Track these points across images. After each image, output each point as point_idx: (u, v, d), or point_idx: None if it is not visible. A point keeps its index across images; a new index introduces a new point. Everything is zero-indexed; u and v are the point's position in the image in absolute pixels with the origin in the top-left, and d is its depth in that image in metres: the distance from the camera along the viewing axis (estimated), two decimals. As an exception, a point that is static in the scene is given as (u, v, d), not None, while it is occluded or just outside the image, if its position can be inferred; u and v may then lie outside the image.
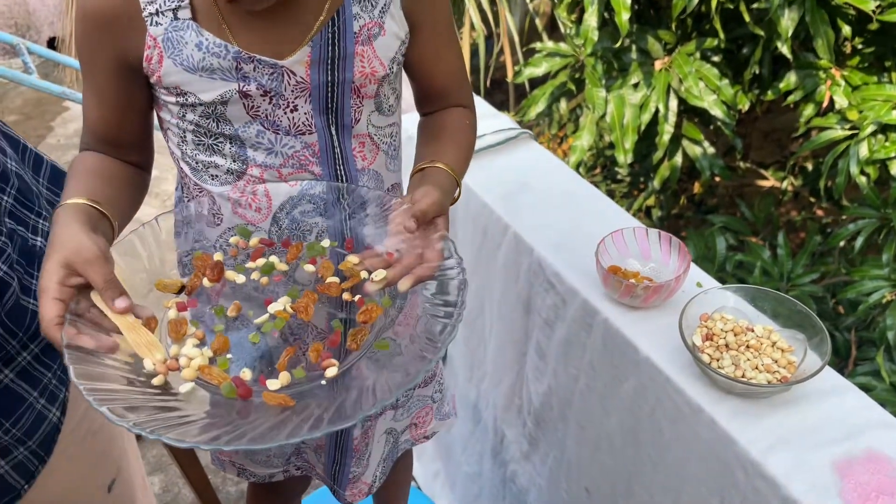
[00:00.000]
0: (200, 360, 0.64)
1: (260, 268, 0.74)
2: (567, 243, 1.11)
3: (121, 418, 0.54)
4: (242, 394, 0.62)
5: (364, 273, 0.72)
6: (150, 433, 0.54)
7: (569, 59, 2.35)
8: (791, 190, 2.74)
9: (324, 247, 0.76)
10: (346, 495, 1.05)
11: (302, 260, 0.75)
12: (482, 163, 1.27)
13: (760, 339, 0.89)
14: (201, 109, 0.76)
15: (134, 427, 0.54)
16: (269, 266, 0.74)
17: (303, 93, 0.77)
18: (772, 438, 0.83)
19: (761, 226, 2.53)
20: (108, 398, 0.57)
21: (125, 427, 0.54)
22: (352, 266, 0.73)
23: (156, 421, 0.56)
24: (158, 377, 0.62)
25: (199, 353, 0.65)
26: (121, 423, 0.54)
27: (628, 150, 2.23)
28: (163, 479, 1.82)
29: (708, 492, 0.89)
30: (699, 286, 1.01)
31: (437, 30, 0.85)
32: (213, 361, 0.65)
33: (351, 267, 0.73)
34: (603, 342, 1.02)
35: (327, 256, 0.76)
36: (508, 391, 1.31)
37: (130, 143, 0.83)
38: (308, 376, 0.65)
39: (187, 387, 0.63)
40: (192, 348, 0.66)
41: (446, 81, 0.90)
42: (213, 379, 0.63)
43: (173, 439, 0.53)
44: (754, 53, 2.13)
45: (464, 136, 0.90)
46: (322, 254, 0.75)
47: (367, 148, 0.85)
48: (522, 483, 1.33)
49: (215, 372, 0.63)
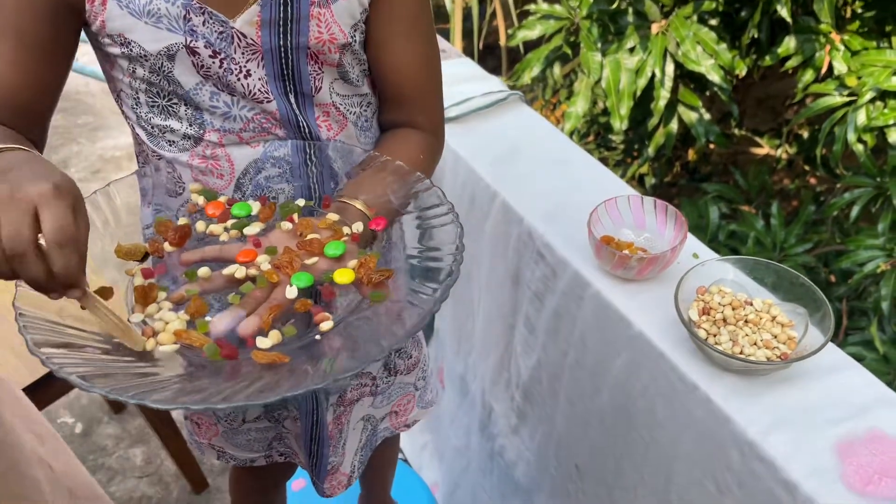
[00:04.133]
0: (178, 324, 0.60)
1: (229, 226, 0.69)
2: (558, 212, 1.07)
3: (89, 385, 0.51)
4: (228, 354, 0.58)
5: (346, 229, 0.67)
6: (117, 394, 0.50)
7: (564, 22, 2.27)
8: (785, 158, 2.70)
9: (298, 206, 0.71)
10: (324, 488, 1.01)
11: (276, 221, 0.70)
12: (470, 126, 1.21)
13: (760, 314, 0.85)
14: (149, 64, 0.70)
15: (109, 394, 0.51)
16: (240, 224, 0.69)
17: (254, 55, 0.71)
18: (770, 418, 0.79)
19: (755, 194, 2.50)
20: (69, 364, 0.53)
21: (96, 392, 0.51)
22: (332, 223, 0.68)
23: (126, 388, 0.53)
24: (150, 341, 0.59)
25: (176, 317, 0.61)
26: (92, 390, 0.51)
27: (624, 117, 2.17)
28: (145, 450, 1.79)
29: (702, 473, 0.86)
30: (696, 257, 0.97)
31: (394, 12, 0.75)
32: (191, 325, 0.61)
33: (332, 223, 0.68)
34: (594, 316, 0.98)
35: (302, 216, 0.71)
36: (497, 365, 1.27)
37: (38, 111, 0.72)
38: (298, 334, 0.61)
39: (169, 349, 0.59)
40: (167, 312, 0.62)
41: (400, 80, 0.78)
42: (194, 342, 0.59)
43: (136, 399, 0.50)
44: (753, 17, 2.07)
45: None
46: (297, 212, 0.70)
47: (332, 118, 0.78)
48: (510, 457, 1.30)
49: (194, 335, 0.59)
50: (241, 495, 1.23)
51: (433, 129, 0.82)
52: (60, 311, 0.59)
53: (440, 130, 0.83)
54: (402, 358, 1.01)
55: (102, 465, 1.76)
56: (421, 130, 0.81)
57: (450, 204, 0.66)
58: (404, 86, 0.79)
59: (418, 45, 0.78)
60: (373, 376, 0.98)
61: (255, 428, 0.98)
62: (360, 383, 0.97)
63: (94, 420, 1.86)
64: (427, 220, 0.67)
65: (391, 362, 1.00)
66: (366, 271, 0.62)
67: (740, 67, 2.16)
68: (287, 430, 0.99)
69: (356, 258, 0.63)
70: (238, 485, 1.22)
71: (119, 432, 1.82)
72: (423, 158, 0.79)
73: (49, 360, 0.52)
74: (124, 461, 1.77)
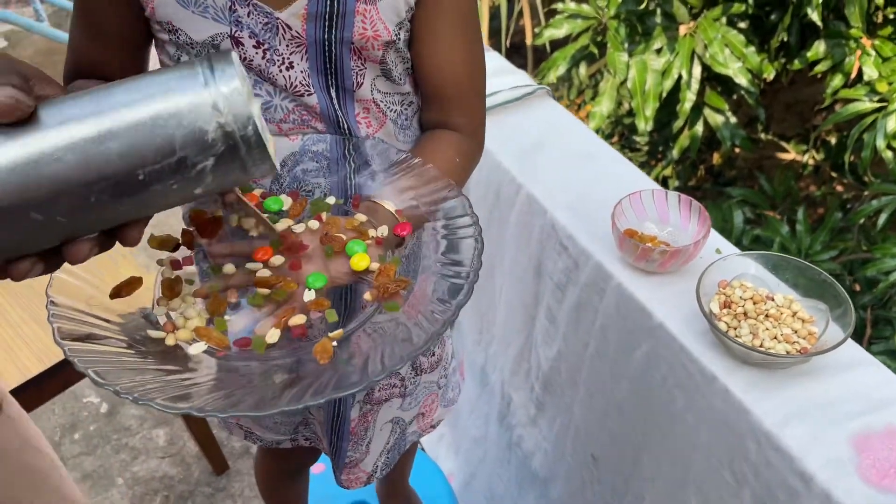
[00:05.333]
0: (198, 321, 0.60)
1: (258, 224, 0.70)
2: (582, 205, 1.08)
3: (108, 382, 0.50)
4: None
5: (372, 231, 0.67)
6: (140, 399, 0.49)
7: (591, 22, 2.28)
8: (812, 164, 2.68)
9: (329, 203, 0.71)
10: (342, 479, 1.02)
11: (305, 217, 0.71)
12: (497, 120, 1.23)
13: (780, 309, 0.85)
14: (195, 53, 0.72)
15: (122, 392, 0.49)
16: (271, 219, 0.69)
17: (298, 48, 0.72)
18: (788, 410, 0.80)
19: (780, 200, 2.48)
20: (90, 359, 0.52)
21: (111, 390, 0.49)
22: (359, 224, 0.69)
23: (144, 385, 0.52)
24: (169, 336, 0.59)
25: (196, 314, 0.61)
26: (108, 387, 0.50)
27: (649, 118, 2.17)
28: (167, 431, 1.83)
29: (719, 463, 0.87)
30: (718, 252, 0.98)
31: (442, 11, 0.74)
32: (210, 323, 0.61)
33: (358, 225, 0.68)
34: (616, 307, 0.99)
35: (331, 213, 0.71)
36: (517, 355, 1.28)
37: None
38: (312, 333, 0.62)
39: (198, 347, 0.58)
40: (189, 308, 0.62)
41: (442, 80, 0.78)
42: (212, 340, 0.59)
43: (162, 406, 0.49)
44: (783, 20, 2.06)
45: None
46: (326, 210, 0.71)
47: (371, 115, 0.78)
48: (528, 447, 1.32)
49: (213, 334, 0.59)
50: (266, 477, 1.25)
51: (473, 132, 0.81)
52: (89, 300, 0.59)
53: (480, 133, 0.83)
54: (426, 356, 1.00)
55: (126, 445, 1.80)
56: (460, 132, 0.80)
57: (475, 216, 0.64)
58: (446, 86, 0.78)
59: (464, 45, 0.77)
60: (401, 377, 0.97)
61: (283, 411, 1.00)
62: (389, 384, 0.96)
63: (118, 400, 1.90)
64: (452, 231, 0.65)
65: (416, 361, 0.99)
66: (383, 279, 0.61)
67: (768, 71, 2.15)
68: (313, 417, 1.01)
69: (377, 262, 0.63)
70: (263, 466, 1.24)
71: (143, 413, 1.86)
72: (460, 162, 0.78)
73: (71, 353, 0.52)
74: (147, 441, 1.81)
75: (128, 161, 0.41)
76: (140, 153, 0.41)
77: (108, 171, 0.41)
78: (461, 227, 0.65)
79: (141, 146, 0.41)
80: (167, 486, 1.71)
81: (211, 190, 0.45)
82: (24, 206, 0.40)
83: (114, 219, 0.44)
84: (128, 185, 0.42)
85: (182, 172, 0.43)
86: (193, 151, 0.42)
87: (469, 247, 0.62)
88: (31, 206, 0.40)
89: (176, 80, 0.42)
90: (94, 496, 1.69)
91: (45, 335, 1.32)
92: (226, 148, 0.43)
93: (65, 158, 0.40)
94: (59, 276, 0.59)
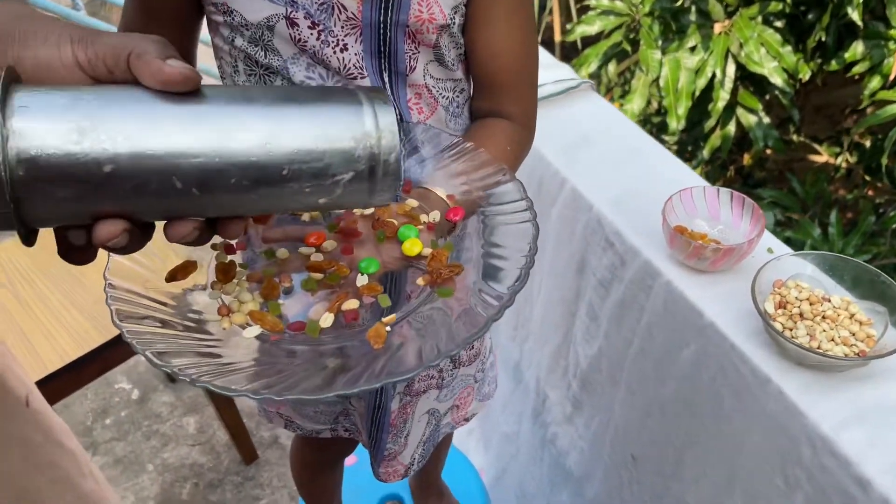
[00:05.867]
0: (252, 305, 0.60)
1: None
2: (629, 201, 1.07)
3: (166, 364, 0.50)
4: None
5: (424, 216, 0.67)
6: (195, 380, 0.49)
7: (624, 19, 2.26)
8: (845, 167, 2.64)
9: None
10: (380, 472, 1.02)
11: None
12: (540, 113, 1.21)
13: (837, 311, 0.84)
14: (249, 34, 0.72)
15: (179, 373, 0.49)
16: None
17: (353, 30, 0.71)
18: (845, 414, 0.78)
19: (811, 202, 2.45)
20: (148, 341, 0.53)
21: (169, 371, 0.49)
22: (411, 209, 0.68)
23: (199, 366, 0.53)
24: (224, 320, 0.59)
25: (251, 298, 0.61)
26: (165, 368, 0.50)
27: (681, 117, 2.15)
28: (198, 419, 1.83)
29: (770, 468, 0.86)
30: (770, 252, 0.96)
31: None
32: (263, 307, 0.61)
33: (410, 210, 0.68)
34: (664, 305, 0.98)
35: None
36: (554, 352, 1.27)
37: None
38: (365, 319, 0.61)
39: (253, 331, 0.58)
40: (244, 292, 0.62)
41: (495, 67, 0.77)
42: (266, 325, 0.59)
43: (221, 388, 0.49)
44: (821, 20, 2.04)
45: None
46: None
47: (423, 100, 0.77)
48: (563, 445, 1.31)
49: (268, 318, 0.59)
50: (302, 466, 1.25)
51: (525, 121, 0.80)
52: (145, 282, 0.60)
53: (532, 122, 0.82)
54: (465, 349, 1.00)
55: (157, 432, 1.81)
56: (512, 121, 0.79)
57: (529, 201, 0.63)
58: (500, 73, 0.77)
59: (518, 33, 0.76)
60: (440, 368, 0.97)
61: (324, 401, 1.00)
62: (427, 375, 0.96)
63: (150, 387, 1.91)
64: (504, 216, 0.64)
65: (456, 354, 0.98)
66: (435, 265, 0.61)
67: (804, 71, 2.12)
68: (353, 408, 1.01)
69: (429, 248, 0.62)
70: (299, 456, 1.24)
71: (174, 400, 1.87)
72: (511, 150, 0.77)
73: (128, 334, 0.52)
74: (178, 429, 1.81)
75: (281, 155, 0.43)
76: (295, 151, 0.43)
77: (261, 160, 0.43)
78: (516, 211, 0.64)
79: (298, 146, 0.43)
80: (197, 473, 1.72)
81: (331, 205, 0.47)
82: (175, 168, 0.41)
83: (237, 206, 0.45)
84: (270, 177, 0.43)
85: (321, 179, 0.45)
86: (339, 161, 0.45)
87: (525, 231, 0.61)
88: (179, 171, 0.41)
89: (342, 97, 0.46)
90: (124, 482, 1.70)
91: (84, 321, 1.32)
92: (366, 168, 0.46)
93: (237, 136, 0.42)
94: (117, 260, 0.59)
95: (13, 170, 0.37)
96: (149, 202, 0.42)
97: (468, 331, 0.54)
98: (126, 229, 0.41)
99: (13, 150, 0.37)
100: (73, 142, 0.38)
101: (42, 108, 0.38)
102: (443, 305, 0.60)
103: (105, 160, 0.39)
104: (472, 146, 0.70)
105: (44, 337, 1.30)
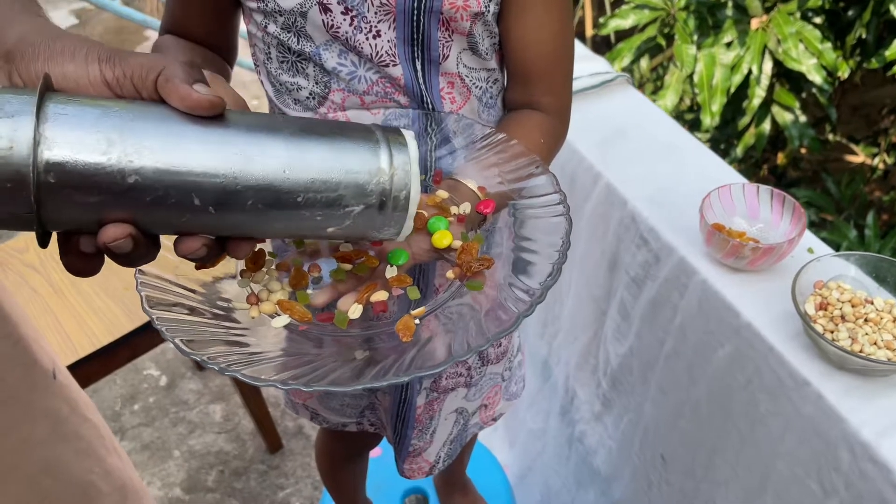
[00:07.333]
0: (281, 294, 0.60)
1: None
2: (665, 198, 1.05)
3: (195, 352, 0.50)
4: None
5: (454, 208, 0.65)
6: (225, 368, 0.49)
7: (659, 13, 2.23)
8: (882, 168, 2.58)
9: None
10: (404, 468, 1.01)
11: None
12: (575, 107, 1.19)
13: (881, 314, 0.82)
14: (282, 20, 0.71)
15: (209, 361, 0.49)
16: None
17: (387, 16, 0.70)
18: (888, 420, 0.76)
19: (847, 203, 2.40)
20: (177, 328, 0.52)
21: (198, 359, 0.49)
22: (441, 200, 0.67)
23: (228, 355, 0.53)
24: (253, 309, 0.58)
25: (280, 287, 0.60)
26: (194, 356, 0.50)
27: (715, 113, 2.11)
28: (224, 407, 1.85)
29: (805, 472, 0.84)
30: (811, 252, 0.94)
31: None
32: (292, 296, 0.61)
33: (440, 202, 0.67)
34: (698, 304, 0.96)
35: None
36: (584, 350, 1.26)
37: (214, 46, 0.78)
38: (392, 311, 0.60)
39: (281, 321, 0.58)
40: (273, 281, 0.61)
41: (530, 56, 0.75)
42: (295, 314, 0.58)
43: (249, 377, 0.49)
44: (861, 16, 1.98)
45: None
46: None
47: (456, 89, 0.76)
48: (591, 444, 1.29)
49: (296, 307, 0.58)
50: (326, 459, 1.25)
51: (559, 113, 0.79)
52: (175, 269, 0.59)
53: (566, 114, 0.81)
54: (493, 346, 0.99)
55: (184, 419, 1.83)
56: (545, 112, 0.78)
57: (563, 194, 0.62)
58: (535, 62, 0.76)
59: (554, 23, 0.75)
60: (468, 366, 0.96)
61: (350, 394, 0.99)
62: (455, 372, 0.96)
63: (177, 374, 1.93)
64: (536, 209, 0.63)
65: (484, 351, 0.97)
66: (465, 258, 0.59)
67: (843, 69, 2.07)
68: (379, 402, 1.00)
69: (459, 240, 0.61)
70: (324, 448, 1.24)
71: (201, 388, 1.89)
72: (545, 143, 0.76)
73: (158, 321, 0.52)
74: (204, 416, 1.83)
75: (298, 183, 0.45)
76: (311, 180, 0.45)
77: (278, 185, 0.44)
78: (549, 205, 0.62)
79: (315, 175, 0.45)
80: (222, 461, 1.73)
81: (340, 235, 0.49)
82: (196, 186, 0.42)
83: (250, 227, 0.46)
84: (285, 202, 0.45)
85: (332, 208, 0.47)
86: (351, 193, 0.47)
87: (558, 226, 0.59)
88: (199, 189, 0.42)
89: (359, 133, 0.48)
90: (151, 467, 1.72)
91: (115, 307, 1.34)
92: (377, 202, 0.48)
93: (258, 160, 0.43)
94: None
95: (41, 174, 0.38)
96: (165, 215, 0.43)
97: (498, 326, 0.53)
98: (132, 234, 0.42)
99: (43, 156, 0.38)
100: (102, 152, 0.40)
101: (74, 118, 0.40)
102: (472, 300, 0.60)
103: (130, 171, 0.40)
104: (505, 137, 0.69)
105: (76, 322, 1.31)
